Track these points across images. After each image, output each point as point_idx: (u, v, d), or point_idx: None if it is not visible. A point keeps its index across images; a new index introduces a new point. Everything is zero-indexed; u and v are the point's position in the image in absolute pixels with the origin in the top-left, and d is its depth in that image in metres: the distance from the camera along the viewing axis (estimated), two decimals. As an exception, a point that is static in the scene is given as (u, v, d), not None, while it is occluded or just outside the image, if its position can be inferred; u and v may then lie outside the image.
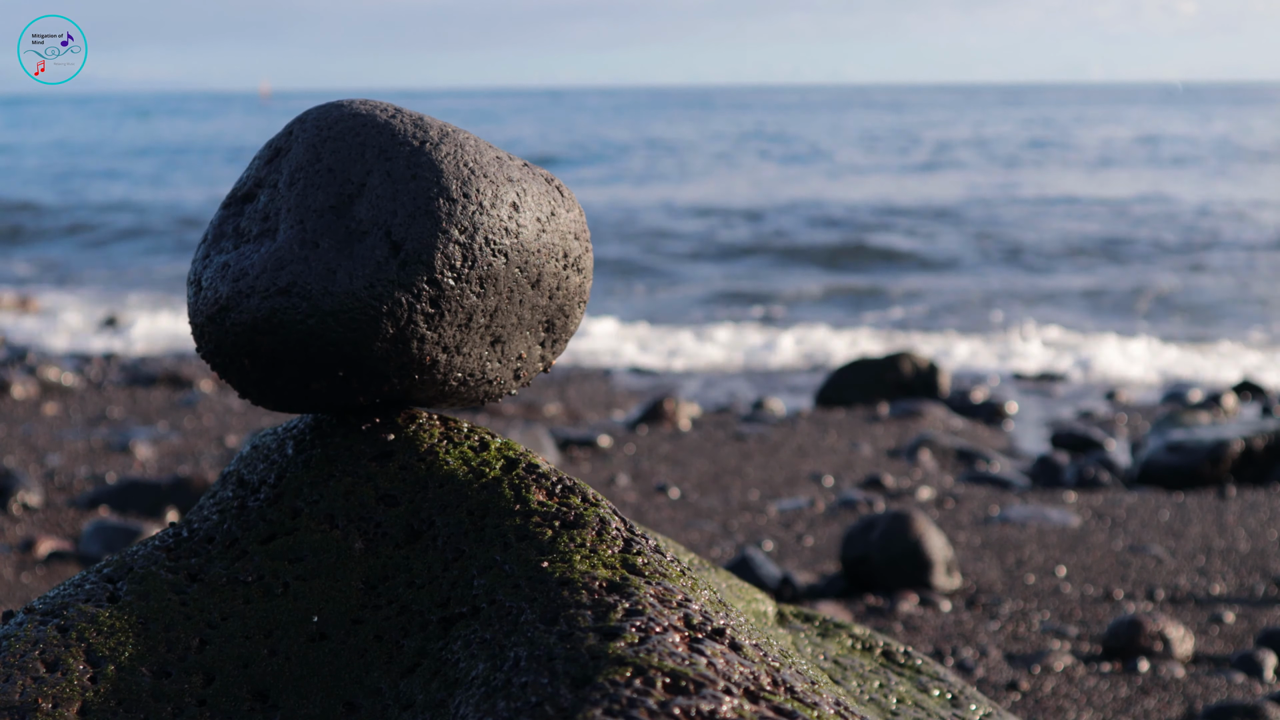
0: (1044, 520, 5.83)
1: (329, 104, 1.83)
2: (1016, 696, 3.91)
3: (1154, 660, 4.13)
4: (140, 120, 65.87)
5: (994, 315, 13.72)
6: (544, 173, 1.87)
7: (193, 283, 1.83)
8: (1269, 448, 6.71)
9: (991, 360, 11.39)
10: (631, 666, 1.45)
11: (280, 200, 1.78)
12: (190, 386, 9.54)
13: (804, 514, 6.07)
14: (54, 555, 5.30)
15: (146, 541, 1.87)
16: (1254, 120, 53.38)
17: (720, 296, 15.31)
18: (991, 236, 19.63)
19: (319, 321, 1.71)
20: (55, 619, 1.71)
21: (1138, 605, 4.71)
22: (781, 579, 4.82)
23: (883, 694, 2.01)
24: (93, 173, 32.76)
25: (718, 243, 19.48)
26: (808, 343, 12.24)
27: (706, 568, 2.20)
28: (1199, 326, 13.05)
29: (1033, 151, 36.85)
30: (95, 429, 7.92)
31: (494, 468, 1.82)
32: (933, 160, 34.38)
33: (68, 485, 6.46)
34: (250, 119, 67.36)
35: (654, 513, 6.06)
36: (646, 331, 13.00)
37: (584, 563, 1.66)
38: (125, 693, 1.63)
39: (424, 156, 1.75)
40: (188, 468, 6.78)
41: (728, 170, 32.42)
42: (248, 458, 1.93)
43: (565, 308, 1.90)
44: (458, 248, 1.74)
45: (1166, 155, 34.30)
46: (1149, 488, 6.63)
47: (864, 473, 6.94)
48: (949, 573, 4.90)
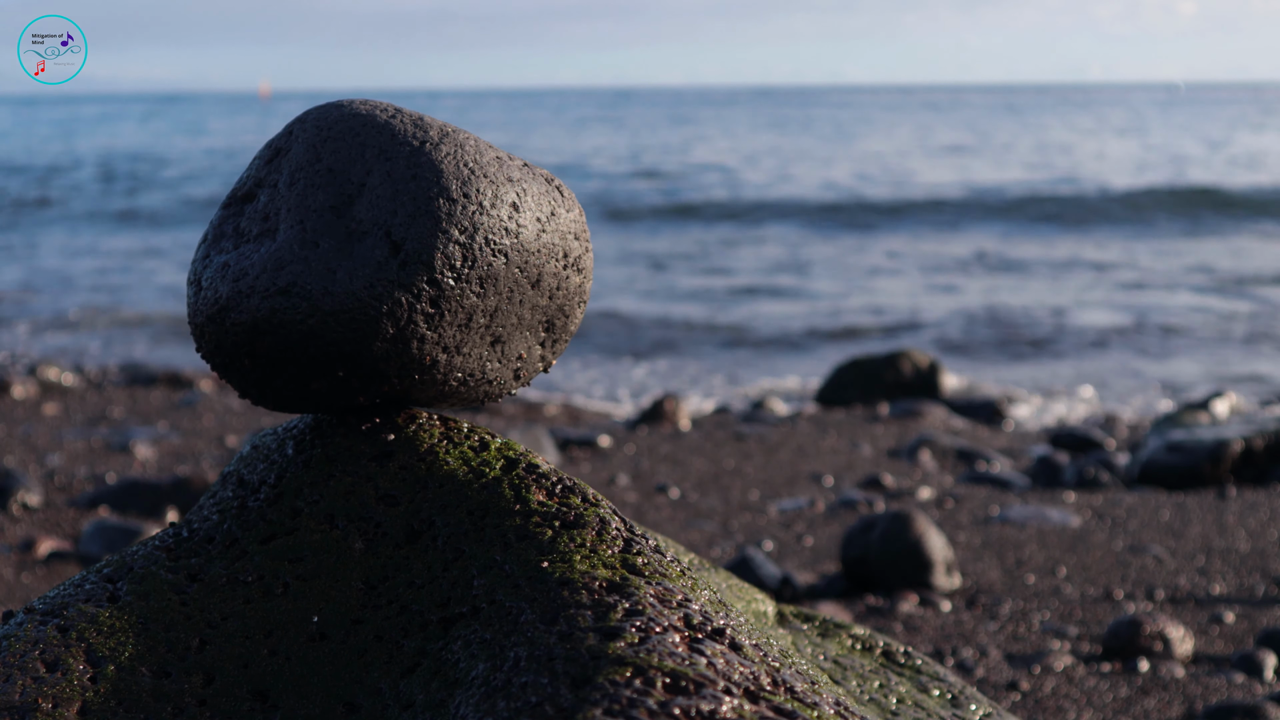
0: (1044, 520, 5.83)
1: (329, 104, 1.83)
2: (1016, 696, 3.91)
3: (1154, 660, 4.13)
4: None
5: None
6: (544, 173, 1.87)
7: (193, 283, 1.83)
8: (1269, 448, 6.71)
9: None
10: (631, 666, 1.45)
11: (280, 200, 1.78)
12: (190, 386, 9.54)
13: (804, 514, 6.07)
14: (54, 555, 5.30)
15: (146, 541, 1.87)
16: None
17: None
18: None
19: (319, 321, 1.71)
20: (55, 619, 1.71)
21: (1138, 605, 4.71)
22: (781, 579, 4.82)
23: (883, 694, 2.01)
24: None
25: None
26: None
27: (706, 568, 2.20)
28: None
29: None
30: (95, 429, 7.92)
31: (494, 468, 1.82)
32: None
33: (68, 485, 6.45)
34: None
35: (654, 513, 6.06)
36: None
37: (584, 563, 1.66)
38: (125, 693, 1.63)
39: (424, 156, 1.75)
40: (188, 468, 6.78)
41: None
42: (248, 458, 1.93)
43: (565, 308, 1.90)
44: (458, 248, 1.74)
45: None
46: (1149, 488, 6.63)
47: (864, 473, 6.94)
48: (949, 573, 4.90)
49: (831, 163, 33.16)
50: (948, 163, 33.35)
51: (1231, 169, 29.60)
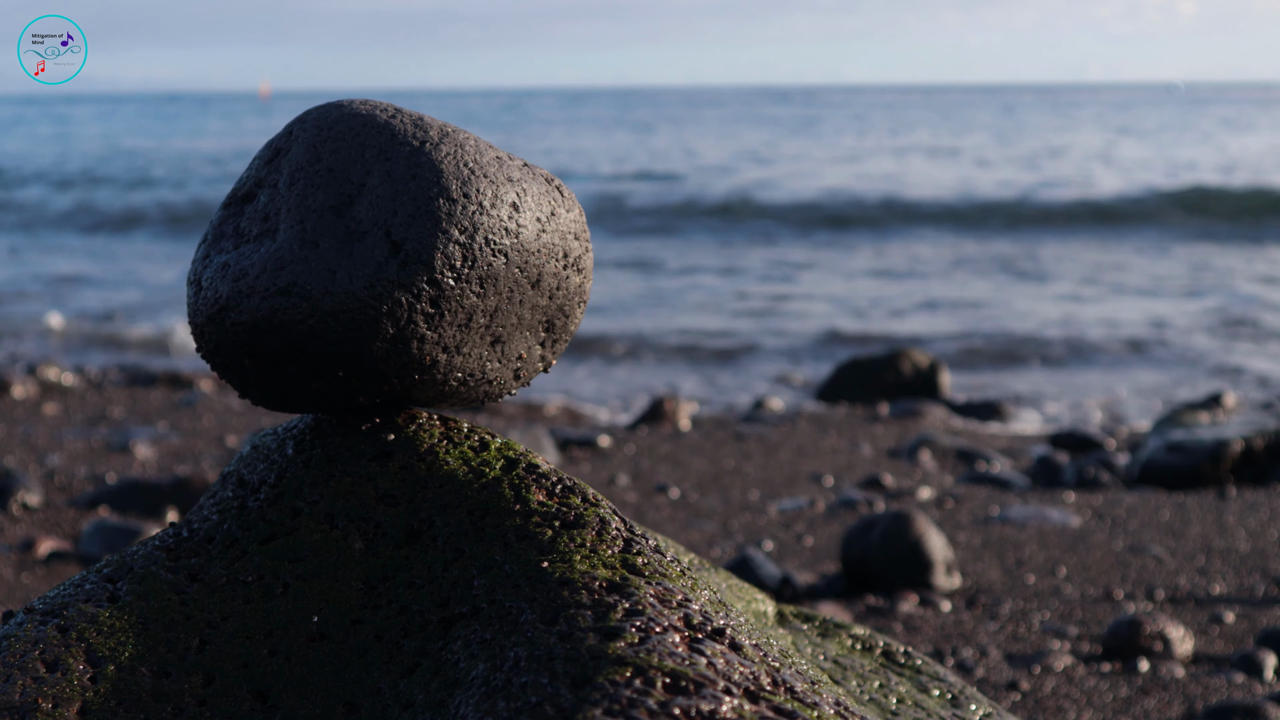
0: (1044, 520, 5.83)
1: (329, 104, 1.83)
2: (1016, 696, 3.91)
3: (1154, 660, 4.13)
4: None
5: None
6: (544, 172, 1.88)
7: (193, 283, 1.83)
8: (1269, 448, 6.71)
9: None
10: (631, 666, 1.45)
11: (280, 200, 1.78)
12: (190, 386, 9.54)
13: (804, 514, 6.07)
14: (54, 555, 5.30)
15: (146, 541, 1.87)
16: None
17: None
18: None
19: (319, 321, 1.71)
20: (55, 619, 1.71)
21: (1138, 605, 4.71)
22: (781, 579, 4.82)
23: (883, 694, 2.01)
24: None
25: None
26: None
27: (706, 568, 2.20)
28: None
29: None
30: (95, 429, 7.92)
31: (494, 468, 1.82)
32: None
33: (68, 485, 6.45)
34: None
35: (654, 513, 6.06)
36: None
37: (584, 563, 1.66)
38: (125, 693, 1.63)
39: (424, 157, 1.75)
40: (188, 468, 6.78)
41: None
42: (248, 458, 1.93)
43: (565, 308, 1.90)
44: (458, 248, 1.74)
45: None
46: (1149, 488, 6.62)
47: (864, 473, 6.94)
48: (949, 573, 4.90)
49: (829, 164, 33.17)
50: (944, 164, 33.36)
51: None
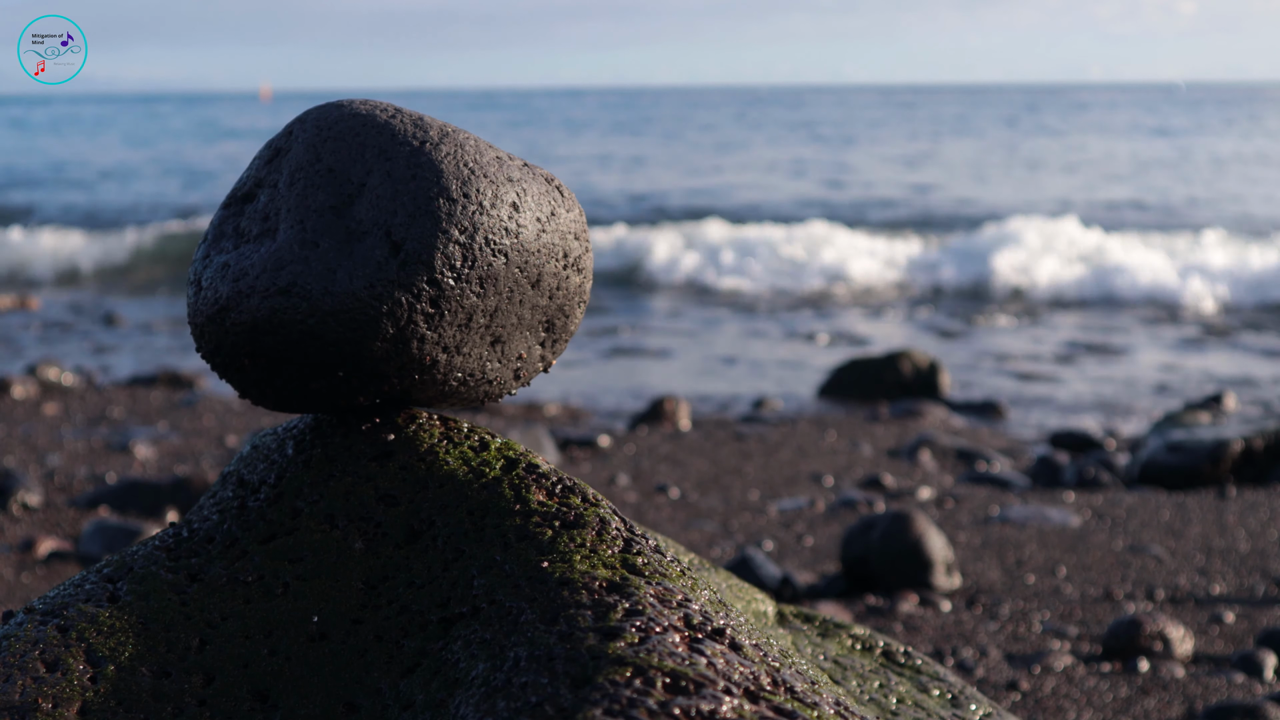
0: (1044, 520, 5.83)
1: (329, 104, 1.83)
2: (1016, 696, 3.91)
3: (1154, 660, 4.13)
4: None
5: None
6: (544, 172, 1.88)
7: (193, 283, 1.83)
8: (1269, 448, 6.71)
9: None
10: (631, 666, 1.45)
11: (280, 200, 1.78)
12: (190, 386, 9.54)
13: (804, 514, 6.07)
14: (54, 555, 5.30)
15: (146, 541, 1.87)
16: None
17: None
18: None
19: (319, 321, 1.71)
20: (55, 619, 1.71)
21: (1138, 605, 4.71)
22: (781, 579, 4.82)
23: (883, 694, 2.01)
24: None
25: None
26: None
27: (706, 568, 2.20)
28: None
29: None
30: (95, 429, 7.92)
31: (494, 468, 1.82)
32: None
33: (68, 485, 6.45)
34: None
35: (654, 513, 6.06)
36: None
37: (584, 563, 1.66)
38: (125, 693, 1.63)
39: (424, 156, 1.75)
40: (188, 468, 6.78)
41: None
42: (248, 458, 1.93)
43: (565, 308, 1.90)
44: (458, 248, 1.74)
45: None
46: (1149, 488, 6.62)
47: (864, 473, 6.94)
48: (949, 573, 4.90)
49: (823, 167, 33.10)
50: (936, 167, 33.32)
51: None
